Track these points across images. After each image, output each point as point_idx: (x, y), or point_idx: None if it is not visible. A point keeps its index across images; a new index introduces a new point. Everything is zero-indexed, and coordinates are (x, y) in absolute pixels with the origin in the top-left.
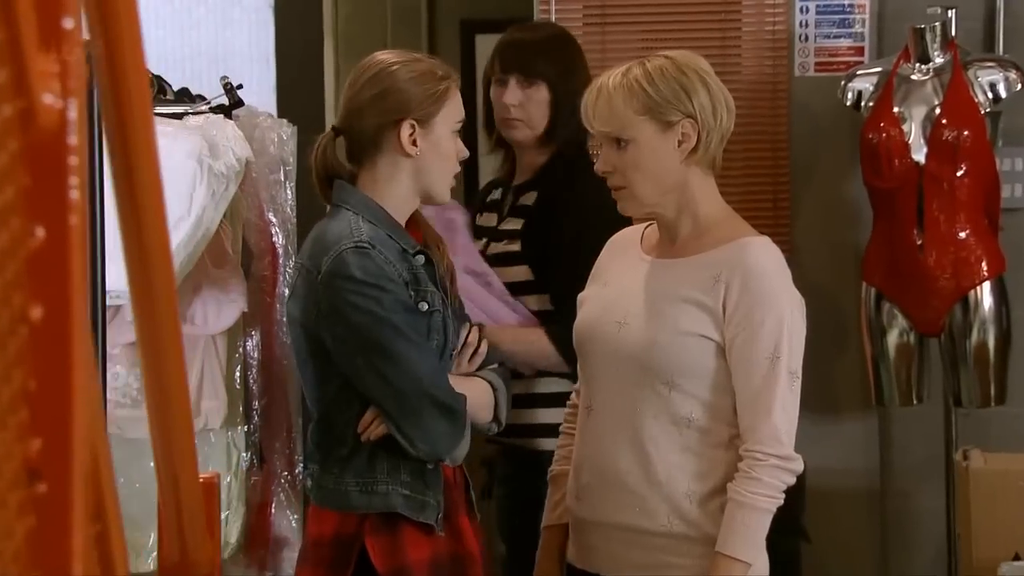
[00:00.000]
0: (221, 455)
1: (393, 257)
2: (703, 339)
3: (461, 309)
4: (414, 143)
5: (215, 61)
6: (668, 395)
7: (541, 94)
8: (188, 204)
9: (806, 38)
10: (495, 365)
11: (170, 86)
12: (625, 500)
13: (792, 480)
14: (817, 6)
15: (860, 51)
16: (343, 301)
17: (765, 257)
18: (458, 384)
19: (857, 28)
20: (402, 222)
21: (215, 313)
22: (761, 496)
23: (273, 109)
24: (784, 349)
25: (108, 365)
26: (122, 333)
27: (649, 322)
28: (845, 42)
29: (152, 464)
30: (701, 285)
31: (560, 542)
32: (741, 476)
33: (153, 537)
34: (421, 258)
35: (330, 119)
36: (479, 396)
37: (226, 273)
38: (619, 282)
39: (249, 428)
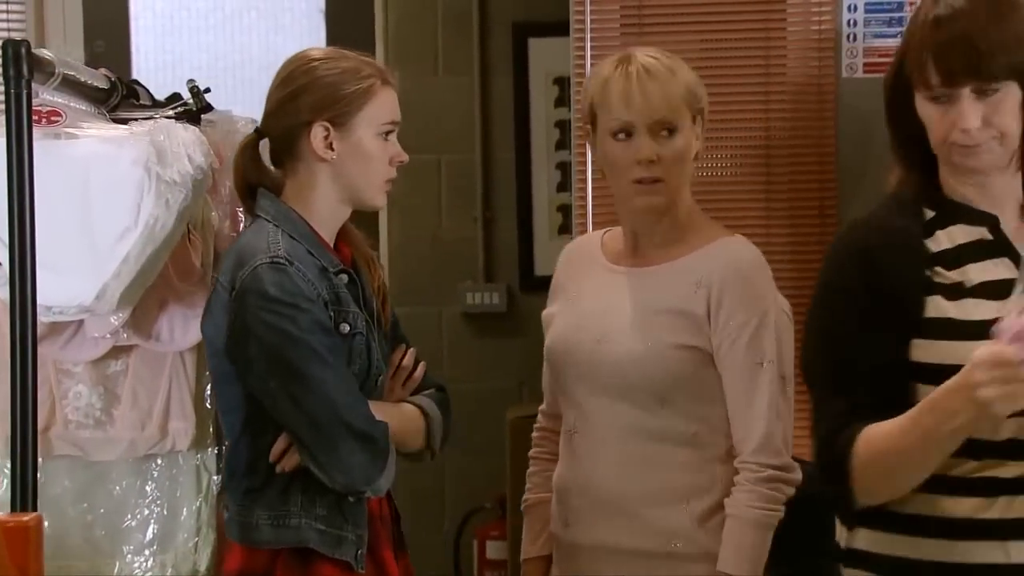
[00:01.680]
0: (190, 478)
1: (312, 275)
2: (692, 349)
3: (395, 331)
4: (330, 147)
5: (265, 68)
6: (660, 411)
7: (1012, 99)
8: (135, 214)
9: (854, 37)
10: (432, 390)
11: (146, 90)
12: (620, 522)
13: (791, 491)
14: (866, 4)
15: None
16: (256, 319)
17: (746, 257)
18: (383, 410)
19: None
20: (330, 232)
21: (182, 329)
22: (761, 509)
23: None
24: (775, 353)
25: (69, 384)
26: (84, 350)
27: (633, 337)
28: (896, 41)
29: (119, 487)
30: (683, 292)
31: (543, 574)
32: (739, 490)
33: (118, 565)
34: (344, 277)
35: None
36: (408, 422)
37: (193, 287)
38: (590, 296)
39: (220, 450)
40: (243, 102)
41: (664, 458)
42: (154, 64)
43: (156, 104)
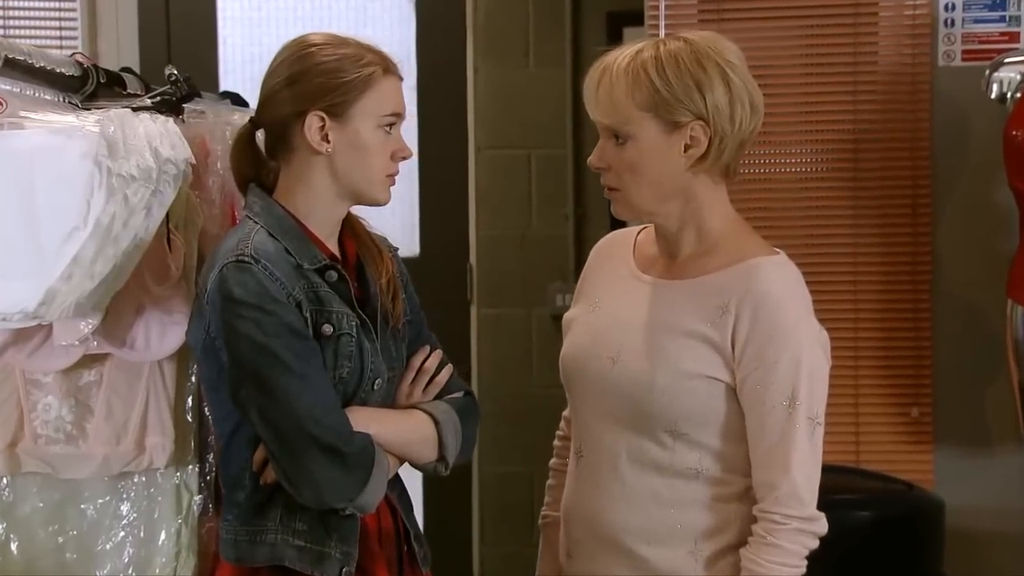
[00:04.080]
0: (169, 498)
1: (282, 273)
2: (711, 380)
3: (418, 330)
4: (325, 138)
5: None
6: (672, 444)
7: None
8: (84, 212)
9: (952, 23)
10: (459, 394)
11: (139, 78)
12: (621, 560)
13: (815, 544)
14: None
15: (1015, 37)
16: (224, 324)
17: (779, 282)
18: (380, 418)
19: (1012, 11)
20: (328, 227)
21: (159, 336)
22: (782, 565)
23: (414, 110)
24: (803, 393)
25: (38, 395)
26: (53, 359)
27: (647, 360)
28: (997, 27)
29: (92, 508)
30: (706, 316)
31: None
32: (758, 542)
33: None
34: (333, 274)
35: (472, 121)
36: (413, 431)
37: (169, 291)
38: (611, 306)
39: (203, 467)
40: None
41: (673, 494)
42: (241, 56)
43: (150, 92)
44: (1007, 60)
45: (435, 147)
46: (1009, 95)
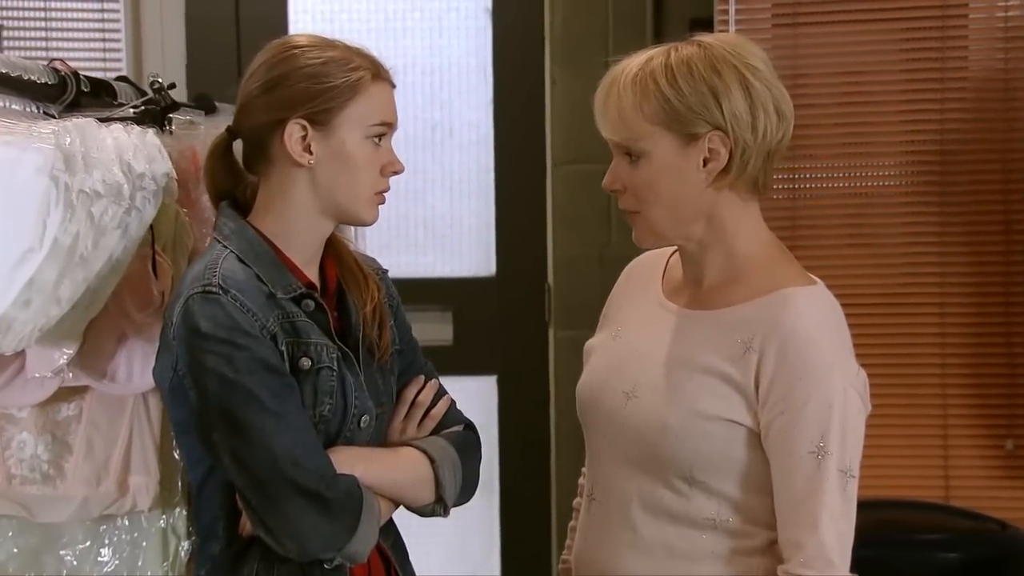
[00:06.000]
0: (155, 543)
1: (254, 303)
2: (730, 424)
3: (410, 360)
4: (307, 149)
5: (428, 72)
6: (688, 491)
7: None
8: (40, 232)
9: None
10: (458, 427)
11: (135, 87)
12: None
13: None
14: None
15: None
16: (193, 361)
17: (811, 316)
18: (369, 458)
19: None
20: (308, 249)
21: (141, 367)
22: None
23: (490, 124)
24: (834, 441)
25: (12, 431)
26: (27, 392)
27: (661, 398)
28: None
29: (71, 554)
30: (728, 352)
31: None
32: None
33: None
34: (310, 303)
35: (550, 134)
36: (405, 471)
37: (153, 318)
38: (632, 335)
39: (191, 509)
40: (405, 107)
41: (688, 545)
42: None
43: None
44: None
45: (511, 162)
46: None
